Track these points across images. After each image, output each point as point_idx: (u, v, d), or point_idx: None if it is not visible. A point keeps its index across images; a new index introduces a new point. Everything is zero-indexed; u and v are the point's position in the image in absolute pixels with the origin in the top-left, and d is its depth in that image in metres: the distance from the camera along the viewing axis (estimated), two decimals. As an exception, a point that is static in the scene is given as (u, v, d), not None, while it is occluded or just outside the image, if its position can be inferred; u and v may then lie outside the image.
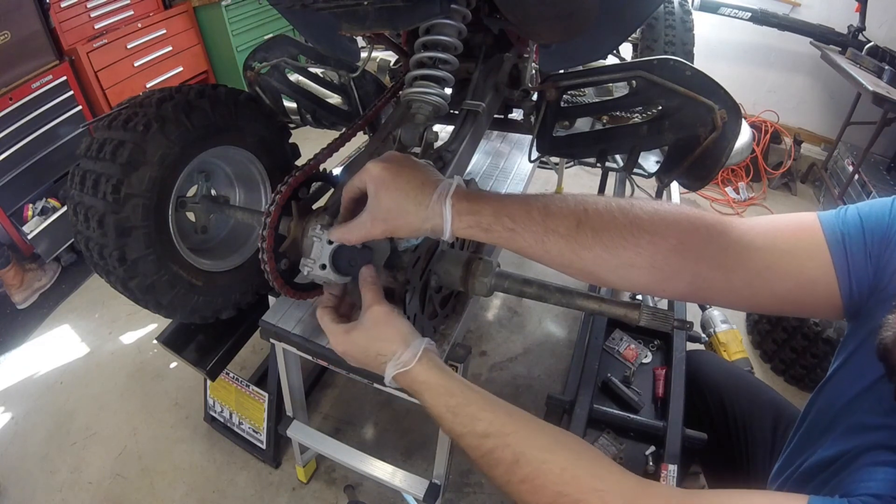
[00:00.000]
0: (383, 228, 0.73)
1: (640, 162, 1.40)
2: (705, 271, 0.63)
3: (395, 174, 0.71)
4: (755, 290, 0.63)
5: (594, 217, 0.63)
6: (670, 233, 0.62)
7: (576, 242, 0.64)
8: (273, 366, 1.60)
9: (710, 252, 0.62)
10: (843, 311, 0.63)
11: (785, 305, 0.66)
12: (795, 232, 0.65)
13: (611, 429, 1.29)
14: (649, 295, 0.80)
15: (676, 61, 1.13)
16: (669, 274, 0.63)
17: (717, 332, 1.98)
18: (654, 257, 0.62)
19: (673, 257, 0.62)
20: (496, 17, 1.14)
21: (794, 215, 0.68)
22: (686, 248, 0.62)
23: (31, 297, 2.54)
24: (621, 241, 0.62)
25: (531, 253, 0.68)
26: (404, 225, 0.71)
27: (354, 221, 0.75)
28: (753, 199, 3.46)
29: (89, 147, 1.07)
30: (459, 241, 1.09)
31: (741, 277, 0.62)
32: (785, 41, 3.37)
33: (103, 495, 1.76)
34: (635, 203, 0.65)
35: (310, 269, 0.86)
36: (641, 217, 0.62)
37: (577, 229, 0.63)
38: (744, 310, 0.72)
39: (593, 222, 0.63)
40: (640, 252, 0.62)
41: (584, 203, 0.65)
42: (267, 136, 1.34)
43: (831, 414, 0.71)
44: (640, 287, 0.67)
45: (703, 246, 0.62)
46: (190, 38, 3.39)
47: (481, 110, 1.15)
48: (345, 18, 0.93)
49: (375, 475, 1.47)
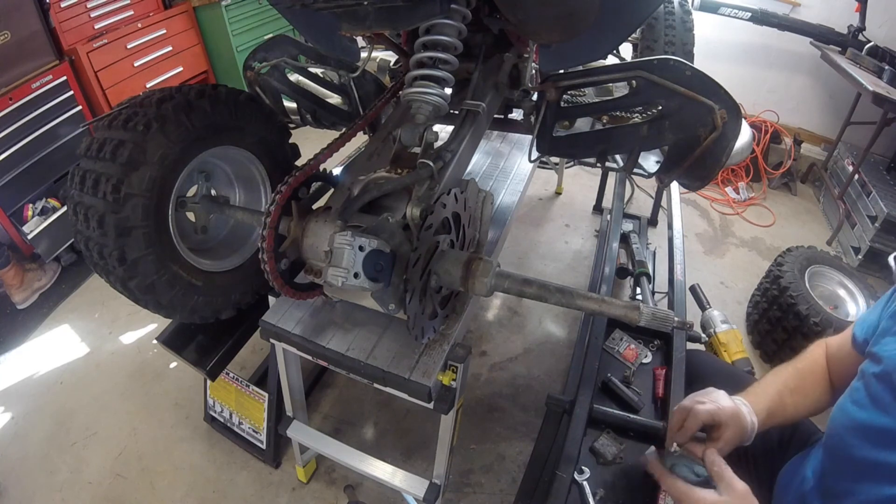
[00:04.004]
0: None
1: (640, 162, 1.40)
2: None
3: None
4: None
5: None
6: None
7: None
8: (273, 366, 1.60)
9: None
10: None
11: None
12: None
13: (611, 429, 1.28)
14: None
15: (676, 61, 1.13)
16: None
17: (717, 332, 1.97)
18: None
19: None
20: (496, 17, 1.14)
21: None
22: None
23: (31, 297, 2.54)
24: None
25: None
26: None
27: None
28: (753, 199, 3.46)
29: (89, 147, 1.07)
30: (460, 241, 1.09)
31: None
32: (785, 41, 3.37)
33: (103, 495, 1.76)
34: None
35: (343, 278, 0.81)
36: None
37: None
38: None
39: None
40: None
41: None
42: (267, 136, 1.34)
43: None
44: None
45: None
46: (190, 38, 3.39)
47: (481, 110, 1.15)
48: (345, 18, 0.93)
49: (375, 475, 1.47)
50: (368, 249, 0.83)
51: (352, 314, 1.27)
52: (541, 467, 1.27)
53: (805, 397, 0.99)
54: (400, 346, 1.18)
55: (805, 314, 2.05)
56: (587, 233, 3.04)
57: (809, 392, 1.00)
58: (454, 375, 1.17)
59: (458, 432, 1.38)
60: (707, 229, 3.20)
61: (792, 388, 1.00)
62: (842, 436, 0.83)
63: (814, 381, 1.01)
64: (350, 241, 0.82)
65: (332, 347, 1.18)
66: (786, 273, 2.20)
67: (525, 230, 3.04)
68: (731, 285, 2.72)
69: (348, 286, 0.84)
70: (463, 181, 1.09)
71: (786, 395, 0.99)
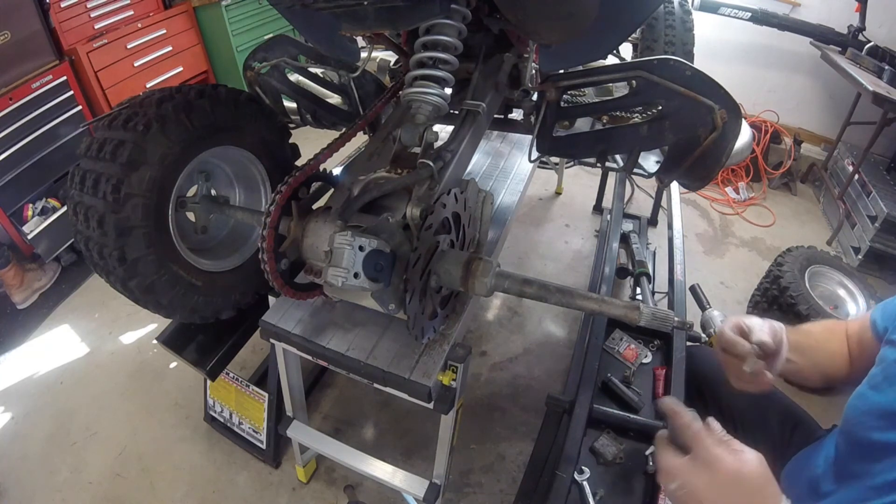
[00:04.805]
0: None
1: (640, 162, 1.40)
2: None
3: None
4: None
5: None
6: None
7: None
8: (273, 366, 1.60)
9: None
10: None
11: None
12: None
13: (611, 429, 1.28)
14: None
15: (676, 61, 1.13)
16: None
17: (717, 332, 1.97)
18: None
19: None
20: (496, 16, 1.14)
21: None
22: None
23: (31, 297, 2.54)
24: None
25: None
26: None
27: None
28: (753, 199, 3.46)
29: (89, 147, 1.07)
30: (460, 241, 1.09)
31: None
32: (785, 41, 3.37)
33: (103, 495, 1.76)
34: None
35: (343, 278, 0.81)
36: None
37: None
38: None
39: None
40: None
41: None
42: (267, 136, 1.34)
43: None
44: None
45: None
46: (190, 38, 3.39)
47: (481, 110, 1.15)
48: (345, 18, 0.93)
49: (375, 475, 1.47)
50: (368, 249, 0.83)
51: (352, 314, 1.27)
52: (541, 467, 1.28)
53: (827, 346, 1.00)
54: (400, 346, 1.18)
55: (805, 314, 2.05)
56: (587, 233, 3.04)
57: (831, 344, 1.01)
58: (454, 375, 1.17)
59: (458, 432, 1.38)
60: (707, 229, 3.20)
61: (819, 338, 1.01)
62: (859, 419, 0.83)
63: (835, 339, 1.01)
64: (350, 241, 0.82)
65: (332, 347, 1.18)
66: (786, 273, 2.20)
67: (525, 230, 3.04)
68: (731, 285, 2.72)
69: (348, 286, 0.84)
70: (463, 181, 1.09)
71: (812, 338, 1.00)
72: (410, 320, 0.96)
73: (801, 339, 0.96)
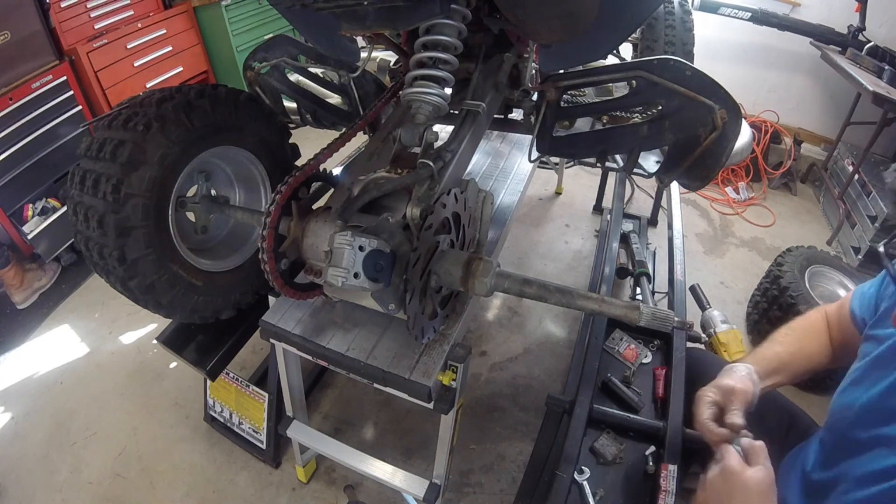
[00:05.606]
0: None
1: (640, 162, 1.40)
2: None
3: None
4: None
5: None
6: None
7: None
8: (273, 366, 1.60)
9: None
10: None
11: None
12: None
13: (611, 429, 1.28)
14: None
15: (676, 61, 1.13)
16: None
17: (717, 332, 1.97)
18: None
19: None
20: (496, 16, 1.14)
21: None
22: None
23: (31, 297, 2.55)
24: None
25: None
26: None
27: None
28: (753, 199, 3.46)
29: (89, 147, 1.07)
30: (460, 241, 1.09)
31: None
32: (785, 41, 3.37)
33: (103, 495, 1.76)
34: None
35: (343, 278, 0.81)
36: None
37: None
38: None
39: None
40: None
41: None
42: (267, 136, 1.34)
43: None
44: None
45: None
46: (190, 38, 3.39)
47: (481, 110, 1.15)
48: (345, 18, 0.93)
49: (375, 475, 1.47)
50: (368, 249, 0.83)
51: (352, 314, 1.27)
52: (541, 467, 1.27)
53: (802, 352, 1.05)
54: (400, 346, 1.18)
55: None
56: (587, 233, 3.04)
57: (807, 348, 1.05)
58: (454, 375, 1.17)
59: (458, 432, 1.38)
60: (707, 229, 3.20)
61: (791, 348, 1.05)
62: (842, 414, 0.85)
63: (812, 338, 1.06)
64: (350, 241, 0.82)
65: (332, 347, 1.18)
66: (786, 273, 2.20)
67: (525, 230, 3.04)
68: (731, 285, 2.72)
69: (348, 286, 0.84)
70: (463, 181, 1.09)
71: (783, 355, 1.04)
72: (410, 320, 0.97)
73: (774, 364, 1.01)
